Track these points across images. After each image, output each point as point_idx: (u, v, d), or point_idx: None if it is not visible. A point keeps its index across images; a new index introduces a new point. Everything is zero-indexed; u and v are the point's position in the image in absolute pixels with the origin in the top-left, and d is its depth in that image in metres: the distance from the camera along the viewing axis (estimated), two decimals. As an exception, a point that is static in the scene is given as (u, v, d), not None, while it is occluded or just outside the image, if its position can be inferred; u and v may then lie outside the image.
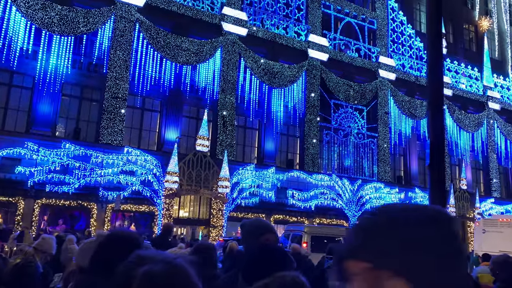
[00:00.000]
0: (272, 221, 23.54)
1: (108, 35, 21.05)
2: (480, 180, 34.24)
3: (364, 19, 30.31)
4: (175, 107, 22.76)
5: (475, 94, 34.50)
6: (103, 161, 19.57)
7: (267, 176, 23.50)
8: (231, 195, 22.07)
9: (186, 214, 22.71)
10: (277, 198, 23.85)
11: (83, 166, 19.14)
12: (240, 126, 24.95)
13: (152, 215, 20.74)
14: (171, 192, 20.54)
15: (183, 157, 21.18)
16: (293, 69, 26.09)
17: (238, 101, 24.30)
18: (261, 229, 2.85)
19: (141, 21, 21.74)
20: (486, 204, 31.24)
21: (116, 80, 20.83)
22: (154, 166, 20.52)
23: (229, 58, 24.09)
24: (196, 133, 22.15)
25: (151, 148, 21.99)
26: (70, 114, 20.73)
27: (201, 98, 23.28)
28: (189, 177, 21.20)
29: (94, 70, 21.12)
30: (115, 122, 20.57)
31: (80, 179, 18.97)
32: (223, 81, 23.76)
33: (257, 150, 25.35)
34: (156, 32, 21.96)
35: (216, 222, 21.82)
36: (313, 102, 26.51)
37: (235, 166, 22.71)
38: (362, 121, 28.57)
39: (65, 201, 18.78)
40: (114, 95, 20.70)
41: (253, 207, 22.93)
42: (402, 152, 30.49)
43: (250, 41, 24.87)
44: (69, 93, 20.90)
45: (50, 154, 18.63)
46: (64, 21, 19.84)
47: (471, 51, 36.98)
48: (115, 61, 20.93)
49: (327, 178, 25.40)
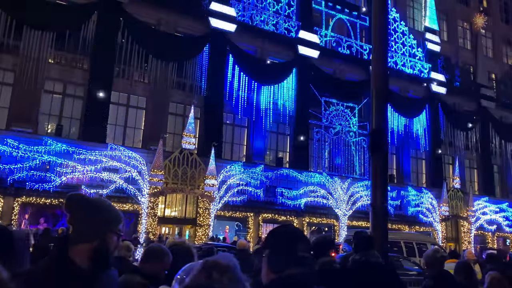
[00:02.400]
0: (261, 220, 23.21)
1: (92, 30, 20.66)
2: (475, 179, 33.88)
3: (356, 16, 29.94)
4: (161, 104, 22.37)
5: (469, 91, 34.13)
6: (86, 158, 19.17)
7: (256, 174, 23.10)
8: (218, 194, 21.67)
9: (172, 213, 22.31)
10: (266, 197, 23.46)
11: (65, 163, 18.74)
12: (228, 123, 24.57)
13: (137, 214, 20.32)
14: (156, 190, 20.15)
15: (169, 155, 20.81)
16: (283, 66, 25.72)
17: (226, 98, 23.92)
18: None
19: (125, 15, 21.36)
20: (480, 203, 30.85)
21: (100, 76, 20.43)
22: (138, 164, 20.12)
23: (217, 54, 23.70)
24: (182, 130, 21.77)
25: (136, 145, 21.61)
26: (53, 111, 20.33)
27: (187, 95, 22.91)
28: (175, 175, 20.81)
29: (77, 65, 20.72)
30: (98, 119, 20.18)
31: (61, 177, 18.57)
32: (211, 78, 23.38)
33: (246, 148, 24.97)
34: (141, 27, 21.59)
35: (202, 221, 21.42)
36: (304, 99, 26.12)
37: (223, 164, 22.32)
38: (354, 119, 28.21)
39: (46, 199, 18.37)
40: (98, 92, 20.31)
41: (241, 206, 22.54)
42: (394, 150, 30.10)
43: (239, 37, 24.50)
44: (52, 89, 20.50)
45: (30, 151, 18.23)
46: (46, 16, 19.45)
47: (466, 48, 36.63)
48: (99, 57, 20.54)
49: (318, 176, 25.00)
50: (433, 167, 30.97)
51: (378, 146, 3.41)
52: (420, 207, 28.39)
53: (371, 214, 3.18)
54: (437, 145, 31.29)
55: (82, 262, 1.88)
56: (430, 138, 31.15)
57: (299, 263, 1.70)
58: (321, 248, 3.85)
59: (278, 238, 1.81)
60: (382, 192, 3.42)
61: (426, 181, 31.00)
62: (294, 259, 1.71)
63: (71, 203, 1.99)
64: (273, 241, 1.82)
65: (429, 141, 31.12)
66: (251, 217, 22.94)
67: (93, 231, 1.93)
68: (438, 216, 28.69)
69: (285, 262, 1.70)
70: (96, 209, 2.00)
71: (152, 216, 20.12)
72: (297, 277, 1.66)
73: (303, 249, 1.75)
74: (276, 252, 1.77)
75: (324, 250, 3.83)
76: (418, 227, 27.82)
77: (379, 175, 3.47)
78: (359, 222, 25.79)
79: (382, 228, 3.21)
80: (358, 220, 25.67)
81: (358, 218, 25.53)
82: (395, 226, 27.22)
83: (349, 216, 25.13)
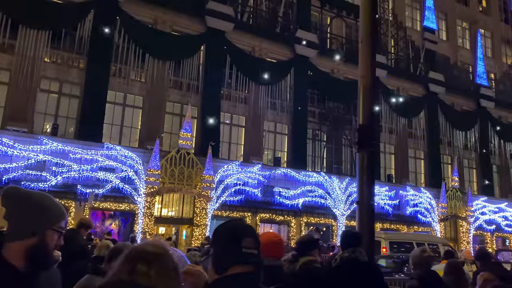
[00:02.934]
0: (258, 220, 23.09)
1: (89, 29, 20.55)
2: (473, 179, 33.76)
3: (354, 15, 29.79)
4: (157, 103, 22.26)
5: (468, 91, 34.02)
6: (82, 157, 19.06)
7: (253, 174, 22.99)
8: (215, 193, 21.56)
9: (168, 213, 22.21)
10: (264, 196, 23.34)
11: (61, 163, 18.64)
12: (225, 123, 24.46)
13: (133, 214, 20.21)
14: (152, 190, 20.04)
15: (166, 154, 20.71)
16: (280, 66, 25.61)
17: (224, 98, 23.80)
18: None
19: (121, 14, 21.25)
20: (479, 203, 30.74)
21: (96, 75, 20.32)
22: (135, 163, 20.01)
23: (214, 54, 23.59)
24: (179, 129, 21.66)
25: (132, 145, 21.50)
26: (48, 110, 20.22)
27: (184, 94, 22.80)
28: (172, 174, 20.71)
29: (74, 64, 20.61)
30: (95, 118, 20.07)
31: (57, 176, 18.46)
32: (208, 77, 23.27)
33: (243, 147, 24.85)
34: (138, 26, 21.48)
35: (199, 221, 21.29)
36: (301, 99, 26.01)
37: (220, 164, 22.22)
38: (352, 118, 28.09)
39: (42, 199, 18.22)
40: (94, 91, 20.20)
41: (238, 206, 22.42)
42: (393, 150, 29.99)
43: (236, 36, 24.39)
44: (47, 88, 20.39)
45: (26, 150, 18.13)
46: (42, 14, 19.35)
47: (465, 48, 36.52)
48: (95, 56, 20.43)
49: (316, 176, 24.88)
50: (431, 167, 30.84)
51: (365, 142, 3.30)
52: (418, 207, 28.27)
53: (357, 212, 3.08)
54: (436, 145, 31.17)
55: (18, 262, 1.72)
56: (429, 137, 31.03)
57: (243, 261, 1.57)
58: (303, 247, 3.81)
59: (220, 235, 1.67)
60: (368, 189, 3.32)
61: (425, 181, 30.88)
62: (237, 257, 1.58)
63: (7, 197, 1.81)
64: (215, 238, 1.69)
65: (428, 141, 31.01)
66: (248, 217, 22.81)
67: (30, 228, 1.76)
68: (436, 216, 28.58)
69: (228, 261, 1.57)
70: (34, 204, 1.82)
71: (148, 216, 20.00)
72: (240, 277, 1.53)
73: (248, 246, 1.61)
74: (217, 250, 1.63)
75: (306, 249, 3.77)
76: (416, 227, 27.71)
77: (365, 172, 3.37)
78: (357, 222, 25.71)
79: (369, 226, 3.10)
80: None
81: (356, 218, 25.39)
82: (393, 226, 27.13)
83: (347, 216, 25.01)
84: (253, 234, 1.68)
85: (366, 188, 3.28)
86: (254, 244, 1.62)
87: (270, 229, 23.06)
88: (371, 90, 3.29)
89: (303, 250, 3.77)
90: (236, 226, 1.70)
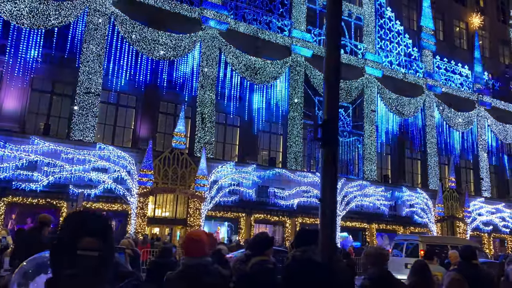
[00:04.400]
0: (253, 221, 22.96)
1: (81, 28, 20.44)
2: (470, 180, 33.61)
3: (351, 14, 29.72)
4: (151, 103, 22.14)
5: (465, 92, 33.90)
6: (74, 157, 18.93)
7: (248, 174, 22.86)
8: (209, 194, 21.42)
9: (162, 214, 22.07)
10: (258, 197, 23.21)
11: (52, 163, 18.50)
12: (220, 123, 24.33)
13: (126, 214, 20.08)
14: (145, 190, 19.91)
15: (160, 154, 20.59)
16: (276, 65, 25.48)
17: (218, 98, 23.68)
18: None
19: (116, 14, 21.14)
20: (476, 203, 30.59)
21: (89, 74, 20.21)
22: (128, 163, 19.88)
23: (209, 53, 23.48)
24: (173, 130, 21.53)
25: (125, 145, 21.37)
26: (40, 109, 20.09)
27: (178, 94, 22.67)
28: (165, 175, 20.59)
29: (66, 64, 20.48)
30: (87, 118, 19.95)
31: (48, 176, 18.32)
32: (203, 77, 23.16)
33: (238, 147, 24.72)
34: (131, 26, 21.36)
35: (193, 222, 21.15)
36: (297, 99, 25.89)
37: (214, 164, 22.09)
38: (348, 119, 27.99)
39: (33, 199, 18.12)
40: (87, 90, 20.08)
41: (233, 206, 22.29)
42: (389, 150, 29.86)
43: (231, 36, 24.28)
44: (40, 87, 20.27)
45: (17, 150, 17.99)
46: (35, 14, 19.23)
47: (462, 48, 36.41)
48: (88, 55, 20.32)
49: (311, 176, 24.74)
50: (428, 167, 30.70)
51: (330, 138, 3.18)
52: (415, 208, 28.13)
53: (320, 210, 2.95)
54: (432, 145, 31.04)
55: None
56: (425, 138, 30.89)
57: (74, 264, 1.38)
58: (257, 247, 3.68)
59: (60, 232, 1.50)
60: (332, 187, 3.18)
61: (421, 181, 30.74)
62: (69, 258, 1.38)
63: None
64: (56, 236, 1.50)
65: (424, 141, 30.88)
66: (243, 217, 22.69)
67: None
68: (433, 217, 28.44)
69: (61, 262, 1.40)
70: None
71: (141, 216, 19.86)
72: (67, 280, 1.36)
73: (85, 247, 1.39)
74: (55, 249, 1.43)
75: (260, 249, 3.65)
76: (413, 228, 27.57)
77: (329, 168, 3.23)
78: (353, 222, 25.58)
79: (331, 226, 2.97)
80: (352, 221, 25.45)
81: (351, 219, 25.31)
82: (389, 227, 26.99)
83: (342, 216, 24.87)
84: (95, 232, 1.44)
85: (330, 185, 3.15)
86: (97, 244, 1.42)
87: (265, 229, 22.90)
88: (335, 85, 3.16)
89: (257, 250, 3.64)
90: (71, 222, 1.48)
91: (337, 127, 3.27)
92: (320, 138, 3.11)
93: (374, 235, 26.28)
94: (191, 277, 2.86)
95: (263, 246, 3.65)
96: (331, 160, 3.22)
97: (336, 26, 3.34)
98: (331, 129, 3.11)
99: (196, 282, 2.83)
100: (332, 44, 3.32)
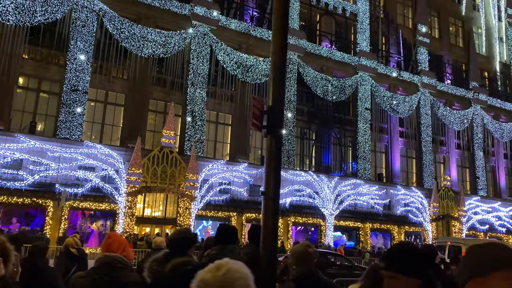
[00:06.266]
0: (244, 220, 22.64)
1: (68, 25, 20.11)
2: (466, 178, 33.30)
3: (344, 12, 29.40)
4: (140, 101, 21.81)
5: (461, 90, 33.58)
6: (61, 156, 18.61)
7: (239, 172, 22.54)
8: (199, 193, 21.11)
9: (152, 213, 21.74)
10: (250, 196, 22.89)
11: (38, 161, 18.19)
12: (211, 121, 24.01)
13: (114, 214, 19.76)
14: (134, 189, 19.59)
15: (149, 153, 20.27)
16: (268, 63, 25.13)
17: (209, 95, 23.36)
18: None
19: (104, 10, 20.81)
20: (471, 202, 30.28)
21: (77, 72, 19.89)
22: (116, 162, 19.56)
23: (200, 51, 23.17)
24: (162, 128, 21.20)
25: (114, 143, 21.05)
26: (26, 107, 19.77)
27: (168, 92, 22.35)
28: (154, 173, 20.26)
29: (53, 61, 20.16)
30: (74, 116, 19.63)
31: (34, 175, 18.00)
32: (193, 74, 22.84)
33: (229, 146, 24.40)
34: (120, 22, 21.04)
35: (183, 221, 20.84)
36: (290, 97, 25.58)
37: (205, 163, 21.77)
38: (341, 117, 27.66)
39: (18, 198, 17.80)
40: (74, 88, 19.77)
41: (223, 205, 21.98)
42: (383, 149, 29.55)
43: (222, 33, 23.96)
44: (26, 85, 19.95)
45: (2, 148, 17.68)
46: (20, 10, 18.91)
47: (457, 46, 36.11)
48: (76, 52, 20.00)
49: (304, 174, 24.43)
50: (423, 166, 30.38)
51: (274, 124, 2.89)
52: (409, 207, 27.81)
53: (262, 204, 2.66)
54: (427, 144, 30.72)
55: None
56: (421, 136, 30.59)
57: None
58: (178, 246, 3.09)
59: None
60: (275, 178, 2.88)
61: (416, 180, 30.43)
62: None
63: None
64: None
65: (419, 140, 30.57)
66: (234, 216, 22.37)
67: None
68: (428, 216, 28.12)
69: None
70: None
71: (129, 215, 19.54)
72: None
73: None
74: None
75: (182, 249, 3.07)
76: (407, 227, 27.27)
77: (273, 158, 2.94)
78: (346, 221, 25.26)
79: (274, 220, 2.67)
80: (345, 220, 25.13)
81: (345, 218, 24.99)
82: (384, 226, 26.68)
83: (336, 215, 24.57)
84: None
85: (274, 176, 2.85)
86: None
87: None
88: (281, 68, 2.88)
89: (178, 251, 3.06)
90: None
91: (283, 112, 2.98)
92: (264, 126, 2.82)
93: (368, 235, 25.97)
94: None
95: (186, 245, 3.08)
96: (275, 148, 2.93)
97: (283, 3, 3.05)
98: (276, 115, 2.82)
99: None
100: (277, 24, 3.04)
